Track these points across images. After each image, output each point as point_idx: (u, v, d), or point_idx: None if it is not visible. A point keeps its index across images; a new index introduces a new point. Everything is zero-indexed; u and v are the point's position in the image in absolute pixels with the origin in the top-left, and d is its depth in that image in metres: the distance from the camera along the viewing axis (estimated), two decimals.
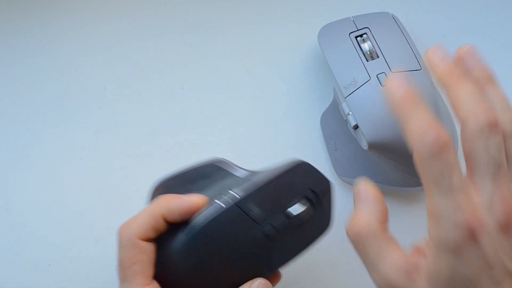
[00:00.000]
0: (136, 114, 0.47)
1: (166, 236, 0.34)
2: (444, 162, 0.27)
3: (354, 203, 0.31)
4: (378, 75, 0.40)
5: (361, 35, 0.42)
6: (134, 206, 0.45)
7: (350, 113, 0.40)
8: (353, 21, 0.43)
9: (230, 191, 0.33)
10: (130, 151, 0.46)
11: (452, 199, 0.27)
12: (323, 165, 0.45)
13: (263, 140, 0.46)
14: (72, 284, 0.44)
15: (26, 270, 0.44)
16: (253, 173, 0.36)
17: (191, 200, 0.35)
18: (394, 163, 0.41)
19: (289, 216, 0.33)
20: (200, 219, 0.33)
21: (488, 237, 0.26)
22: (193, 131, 0.46)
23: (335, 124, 0.44)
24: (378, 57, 0.41)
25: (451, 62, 0.31)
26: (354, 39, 0.42)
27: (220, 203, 0.32)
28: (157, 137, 0.46)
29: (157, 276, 0.34)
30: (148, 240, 0.36)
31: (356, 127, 0.40)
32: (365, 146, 0.40)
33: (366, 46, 0.41)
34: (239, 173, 0.37)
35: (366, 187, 0.31)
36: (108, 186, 0.45)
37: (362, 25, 0.43)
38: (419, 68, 0.40)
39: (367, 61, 0.41)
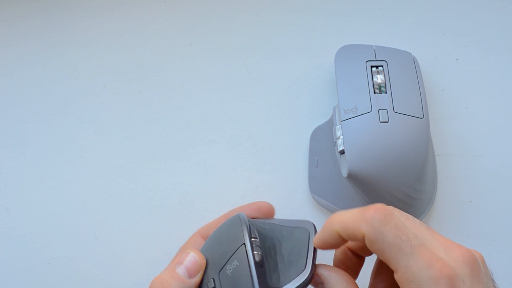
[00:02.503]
0: (136, 113, 0.47)
1: None
2: (397, 224, 0.28)
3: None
4: (379, 110, 0.40)
5: (377, 66, 0.42)
6: (134, 204, 0.45)
7: (341, 137, 0.40)
8: (374, 50, 0.43)
9: None
10: (130, 150, 0.46)
11: (419, 256, 0.27)
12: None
13: (262, 138, 0.46)
14: (72, 283, 0.45)
15: (25, 269, 0.45)
16: None
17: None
18: (365, 198, 0.41)
19: None
20: None
21: (464, 285, 0.27)
22: (192, 130, 0.46)
23: (324, 142, 0.44)
24: (386, 92, 0.41)
25: None
26: (369, 68, 0.42)
27: None
28: (156, 136, 0.46)
29: None
30: None
31: (342, 152, 0.40)
32: (344, 173, 0.40)
33: (378, 78, 0.41)
34: None
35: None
36: (108, 184, 0.46)
37: (381, 57, 0.42)
38: (421, 117, 0.40)
39: (374, 93, 0.41)
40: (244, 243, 0.33)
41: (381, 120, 0.40)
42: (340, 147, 0.40)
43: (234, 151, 0.46)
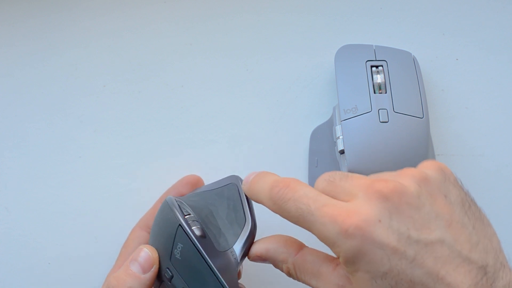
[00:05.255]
0: (136, 113, 0.47)
1: None
2: (296, 196, 0.28)
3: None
4: (379, 110, 0.40)
5: (377, 66, 0.42)
6: (133, 204, 0.45)
7: (341, 137, 0.40)
8: (374, 50, 0.43)
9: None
10: (129, 150, 0.46)
11: (322, 217, 0.27)
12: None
13: (262, 138, 0.46)
14: (72, 283, 0.45)
15: (25, 269, 0.45)
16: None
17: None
18: None
19: None
20: None
21: (381, 224, 0.26)
22: (192, 130, 0.46)
23: (324, 142, 0.44)
24: (386, 92, 0.41)
25: None
26: (369, 68, 0.42)
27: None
28: (156, 136, 0.46)
29: None
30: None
31: (342, 152, 0.40)
32: None
33: (378, 78, 0.41)
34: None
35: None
36: (107, 184, 0.46)
37: (381, 57, 0.42)
38: (421, 117, 0.40)
39: (374, 93, 0.41)
40: (180, 224, 0.33)
41: (381, 120, 0.40)
42: (340, 147, 0.40)
43: (234, 151, 0.46)
